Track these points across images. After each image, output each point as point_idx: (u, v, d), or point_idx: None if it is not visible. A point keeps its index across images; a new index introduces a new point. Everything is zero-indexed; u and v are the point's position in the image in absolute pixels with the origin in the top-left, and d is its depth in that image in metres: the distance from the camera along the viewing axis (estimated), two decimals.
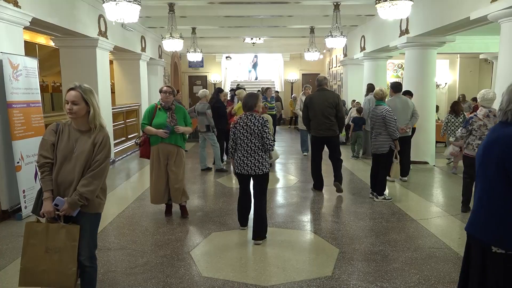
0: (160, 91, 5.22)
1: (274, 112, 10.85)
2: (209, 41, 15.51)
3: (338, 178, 6.46)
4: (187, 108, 11.13)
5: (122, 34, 10.21)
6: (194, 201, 6.31)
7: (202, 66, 19.55)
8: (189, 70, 19.62)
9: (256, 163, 4.45)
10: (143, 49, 12.04)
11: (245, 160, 4.46)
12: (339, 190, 6.42)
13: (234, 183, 7.64)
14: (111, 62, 11.40)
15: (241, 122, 4.49)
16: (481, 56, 12.92)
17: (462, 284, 2.31)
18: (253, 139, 4.43)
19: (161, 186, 5.19)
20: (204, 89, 8.93)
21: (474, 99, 11.87)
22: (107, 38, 8.99)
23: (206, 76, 19.91)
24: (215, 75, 19.84)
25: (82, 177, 2.69)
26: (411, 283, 3.53)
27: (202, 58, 16.61)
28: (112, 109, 9.78)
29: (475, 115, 5.19)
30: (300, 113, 8.70)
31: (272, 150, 4.55)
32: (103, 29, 8.79)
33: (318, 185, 6.67)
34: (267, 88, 11.63)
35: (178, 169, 5.18)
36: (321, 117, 6.30)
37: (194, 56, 12.56)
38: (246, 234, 4.83)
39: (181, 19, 10.44)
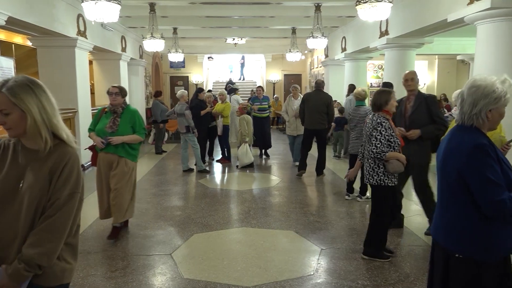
0: (107, 92, 4.61)
1: (267, 114, 9.97)
2: (190, 41, 15.44)
3: (321, 165, 7.84)
4: (169, 109, 11.06)
5: (102, 34, 10.07)
6: (176, 202, 6.27)
7: (184, 67, 19.43)
8: (171, 71, 19.48)
9: (371, 171, 3.96)
10: (124, 49, 11.90)
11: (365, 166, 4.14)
12: (320, 173, 7.82)
13: (216, 183, 7.63)
14: (90, 62, 11.23)
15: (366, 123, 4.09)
16: (458, 57, 13.19)
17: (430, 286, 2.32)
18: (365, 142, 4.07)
19: (104, 200, 4.62)
20: (182, 90, 8.87)
21: (445, 99, 12.16)
22: (86, 38, 8.85)
23: (187, 76, 19.80)
24: (196, 75, 19.74)
25: (32, 229, 1.66)
26: (391, 280, 3.58)
27: (184, 58, 16.51)
28: (92, 109, 9.64)
29: (451, 115, 5.31)
30: (286, 116, 8.66)
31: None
32: (82, 28, 8.65)
33: (302, 167, 7.88)
34: (258, 87, 10.89)
35: (118, 183, 4.48)
36: (315, 113, 7.53)
37: (175, 57, 12.47)
38: (228, 235, 4.83)
39: (162, 19, 10.35)
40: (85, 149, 4.83)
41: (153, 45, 9.56)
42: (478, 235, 2.00)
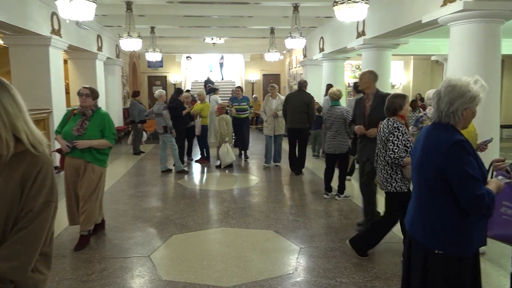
0: (77, 93, 4.37)
1: (247, 115, 9.71)
2: (168, 41, 15.29)
3: (301, 164, 8.07)
4: (147, 109, 10.93)
5: (77, 32, 9.86)
6: (154, 203, 6.20)
7: (162, 66, 19.24)
8: (148, 70, 19.25)
9: (388, 178, 3.86)
10: (100, 49, 11.69)
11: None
12: (299, 172, 8.02)
13: (195, 184, 7.58)
14: (65, 61, 10.99)
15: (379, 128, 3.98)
16: (432, 58, 13.47)
17: (406, 283, 2.35)
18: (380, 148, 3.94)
19: (73, 206, 4.39)
20: (160, 90, 8.79)
21: (421, 99, 12.42)
22: (61, 37, 8.65)
23: (165, 76, 19.60)
24: (175, 75, 19.57)
25: (4, 241, 1.53)
26: (368, 277, 3.63)
27: (162, 58, 16.34)
28: (67, 110, 9.42)
29: (425, 114, 5.41)
30: (264, 116, 8.62)
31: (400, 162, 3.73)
32: (56, 27, 8.45)
33: (292, 167, 8.16)
34: (237, 88, 10.67)
35: (86, 192, 4.26)
36: (296, 113, 7.75)
37: (153, 56, 12.33)
38: (208, 235, 4.81)
39: (140, 18, 10.22)
40: (52, 151, 4.63)
41: (130, 44, 9.42)
42: (456, 230, 2.06)
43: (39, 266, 1.63)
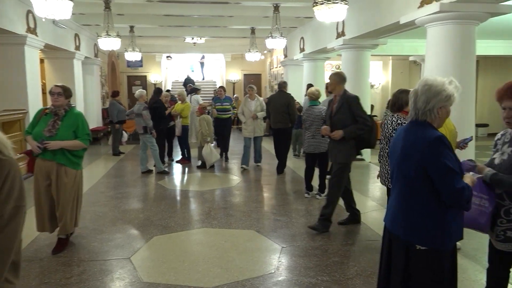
0: (49, 92, 4.16)
1: (229, 115, 9.51)
2: (148, 40, 15.14)
3: (282, 163, 8.16)
4: (127, 110, 10.80)
5: (54, 31, 9.66)
6: (134, 204, 6.13)
7: (141, 66, 19.02)
8: (128, 70, 19.01)
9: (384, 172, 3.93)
10: (77, 48, 11.49)
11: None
12: (280, 172, 8.11)
13: (176, 184, 7.52)
14: (42, 61, 10.75)
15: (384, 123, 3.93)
16: (410, 58, 13.71)
17: (384, 280, 2.39)
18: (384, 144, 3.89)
19: (43, 211, 4.14)
20: (141, 89, 8.69)
21: None
22: (37, 35, 8.47)
23: (145, 76, 19.39)
24: (155, 75, 19.38)
25: None
26: (349, 275, 3.68)
27: (141, 57, 16.16)
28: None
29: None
30: (243, 118, 8.48)
31: None
32: (32, 25, 8.27)
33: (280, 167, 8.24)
34: (219, 87, 10.30)
35: (63, 195, 4.08)
36: (277, 113, 7.88)
37: (132, 56, 12.19)
38: (189, 236, 4.78)
39: (118, 17, 10.09)
40: (20, 154, 4.43)
41: (109, 43, 9.29)
42: (437, 225, 2.13)
43: (7, 274, 1.54)
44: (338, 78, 4.81)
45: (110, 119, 10.82)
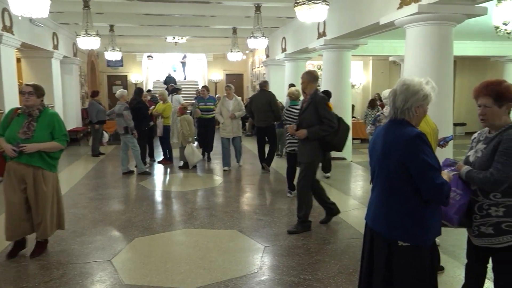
0: (20, 92, 4.03)
1: (213, 115, 9.21)
2: (128, 39, 14.96)
3: (268, 160, 8.25)
4: (107, 110, 10.64)
5: (31, 30, 9.45)
6: (115, 206, 6.04)
7: (122, 66, 18.77)
8: (108, 70, 18.73)
9: None
10: (56, 47, 11.26)
11: None
12: (266, 170, 8.19)
13: (158, 185, 7.45)
14: (18, 60, 10.51)
15: None
16: (390, 59, 13.90)
17: (366, 279, 2.42)
18: None
19: (16, 217, 3.93)
20: (122, 89, 8.58)
21: (380, 98, 12.87)
22: (13, 34, 8.27)
23: (126, 76, 19.14)
24: (135, 75, 19.16)
25: None
26: (331, 273, 3.70)
27: (122, 57, 15.92)
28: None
29: (382, 113, 5.58)
30: (221, 118, 8.29)
31: None
32: (8, 23, 8.07)
33: (262, 162, 8.34)
34: (203, 87, 10.25)
35: (38, 197, 3.93)
36: (260, 112, 7.98)
37: (112, 55, 12.00)
38: (171, 237, 4.74)
39: (98, 15, 9.94)
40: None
41: (88, 42, 9.13)
42: (418, 221, 2.19)
43: None
44: (309, 77, 4.79)
45: (90, 119, 10.65)
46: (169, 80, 18.10)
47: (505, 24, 8.50)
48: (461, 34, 9.13)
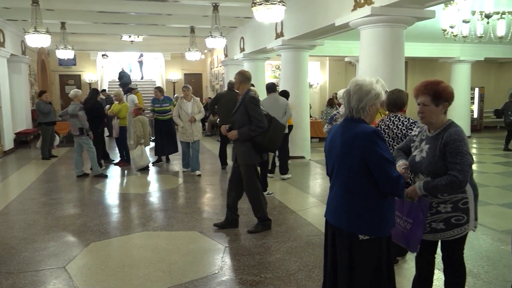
0: None
1: (169, 116, 8.83)
2: (82, 37, 14.43)
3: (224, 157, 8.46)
4: (59, 111, 10.21)
5: None
6: (69, 210, 5.81)
7: (75, 64, 18.11)
8: (60, 69, 18.00)
9: None
10: (2, 44, 10.66)
11: None
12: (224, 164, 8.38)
13: (115, 188, 7.24)
14: None
15: (383, 125, 3.59)
16: (346, 59, 14.28)
17: (331, 277, 2.48)
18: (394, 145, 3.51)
19: None
20: (76, 89, 8.26)
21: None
22: None
23: (79, 75, 18.48)
24: (90, 74, 18.53)
25: None
26: (291, 270, 3.75)
27: (74, 55, 15.38)
28: None
29: (338, 112, 5.72)
30: (180, 121, 7.80)
31: None
32: None
33: (223, 163, 8.52)
34: (155, 88, 9.62)
35: None
36: (227, 111, 7.51)
37: (64, 53, 11.53)
38: (129, 241, 4.62)
39: (48, 12, 9.51)
40: None
41: (38, 40, 8.73)
42: (377, 214, 2.30)
43: None
44: (241, 77, 4.74)
45: (38, 120, 10.16)
46: (123, 75, 17.66)
47: (452, 27, 8.97)
48: (412, 36, 9.51)
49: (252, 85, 9.90)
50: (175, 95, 17.18)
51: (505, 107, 11.35)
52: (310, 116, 12.26)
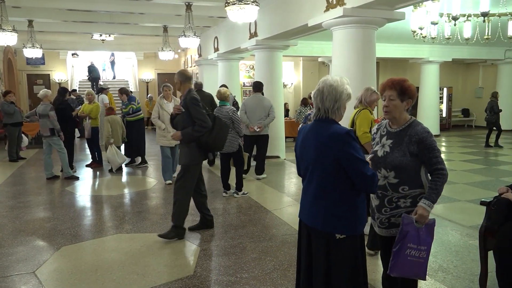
0: None
1: (142, 116, 9.01)
2: (50, 36, 14.03)
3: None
4: (27, 111, 9.89)
5: None
6: (39, 214, 5.64)
7: (43, 64, 17.58)
8: (28, 68, 17.44)
9: None
10: None
11: None
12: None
13: (87, 190, 7.07)
14: None
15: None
16: (319, 59, 14.46)
17: (306, 273, 2.48)
18: None
19: None
20: (46, 89, 8.03)
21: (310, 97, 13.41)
22: None
23: (49, 74, 17.96)
24: (59, 73, 18.04)
25: None
26: (267, 270, 3.77)
27: (43, 54, 14.94)
28: None
29: (312, 111, 5.79)
30: (161, 124, 6.96)
31: None
32: None
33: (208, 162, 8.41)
34: (119, 90, 9.34)
35: None
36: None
37: (32, 52, 11.19)
38: (102, 244, 4.53)
39: (14, 9, 9.20)
40: None
41: (3, 38, 8.44)
42: (352, 212, 2.34)
43: None
44: (181, 77, 4.56)
45: (4, 121, 9.82)
46: (92, 70, 17.27)
47: (421, 28, 9.23)
48: (383, 37, 9.73)
49: (225, 86, 9.98)
50: (149, 95, 16.97)
51: (487, 106, 11.81)
52: (285, 116, 12.40)
